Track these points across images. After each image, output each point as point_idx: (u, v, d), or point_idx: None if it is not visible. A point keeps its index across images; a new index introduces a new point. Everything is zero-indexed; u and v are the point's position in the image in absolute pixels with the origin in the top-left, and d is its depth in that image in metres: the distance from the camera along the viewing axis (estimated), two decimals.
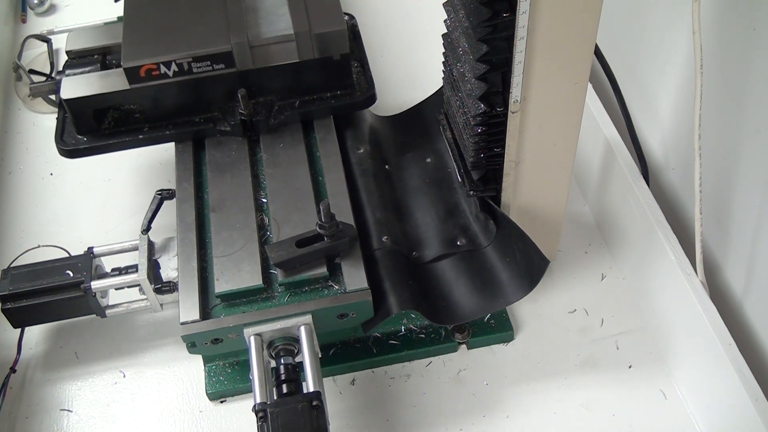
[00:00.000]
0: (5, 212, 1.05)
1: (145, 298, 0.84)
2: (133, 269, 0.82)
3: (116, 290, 0.84)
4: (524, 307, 0.90)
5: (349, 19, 1.01)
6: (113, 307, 0.85)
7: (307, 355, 0.74)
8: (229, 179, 0.86)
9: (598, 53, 0.84)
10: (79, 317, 0.86)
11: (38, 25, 1.32)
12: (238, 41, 0.85)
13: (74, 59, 0.94)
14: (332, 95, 0.92)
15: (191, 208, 0.84)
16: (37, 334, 0.91)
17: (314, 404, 0.69)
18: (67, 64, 0.94)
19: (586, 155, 0.98)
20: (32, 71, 0.99)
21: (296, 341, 0.76)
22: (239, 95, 0.87)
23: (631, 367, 0.85)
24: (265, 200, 0.85)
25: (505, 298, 0.81)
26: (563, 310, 0.90)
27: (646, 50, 0.98)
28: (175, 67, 0.86)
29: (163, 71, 0.86)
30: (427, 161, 0.94)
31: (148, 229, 0.86)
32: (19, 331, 0.88)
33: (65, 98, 0.87)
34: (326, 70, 0.90)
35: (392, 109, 1.03)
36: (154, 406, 0.85)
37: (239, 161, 0.88)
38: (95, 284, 0.81)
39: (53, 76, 0.99)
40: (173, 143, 0.91)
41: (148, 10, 0.91)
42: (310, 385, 0.73)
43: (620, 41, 1.03)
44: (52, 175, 1.08)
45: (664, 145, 0.98)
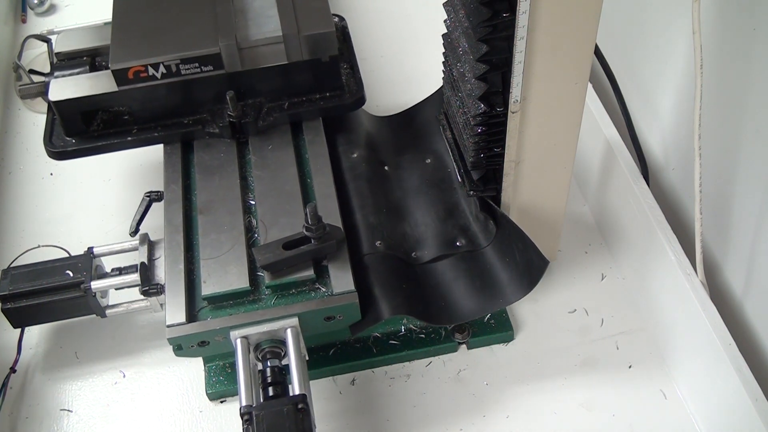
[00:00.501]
0: (5, 212, 1.05)
1: (144, 298, 0.83)
2: (133, 269, 0.82)
3: (116, 290, 0.84)
4: (524, 307, 0.90)
5: (339, 20, 1.00)
6: (113, 307, 0.85)
7: (293, 357, 0.74)
8: (217, 181, 0.86)
9: (598, 53, 0.84)
10: (79, 317, 0.86)
11: (38, 25, 1.32)
12: (226, 43, 0.85)
13: (63, 61, 0.94)
14: (321, 97, 0.92)
15: (179, 210, 0.84)
16: (37, 334, 0.91)
17: (300, 407, 0.69)
18: (56, 65, 0.93)
19: (586, 155, 0.98)
20: (32, 71, 0.99)
21: (283, 344, 0.76)
22: (228, 97, 0.87)
23: (631, 367, 0.85)
24: (253, 202, 0.84)
25: (504, 298, 0.81)
26: (563, 310, 0.90)
27: (646, 50, 0.98)
28: (163, 68, 0.85)
29: (151, 73, 0.85)
30: (426, 161, 0.94)
31: (136, 231, 0.86)
32: (19, 331, 0.88)
33: (53, 100, 0.87)
34: (315, 71, 0.90)
35: (392, 109, 1.03)
36: (154, 406, 0.85)
37: (228, 163, 0.88)
38: (95, 284, 0.81)
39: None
40: (162, 145, 0.91)
41: (136, 11, 0.91)
42: (296, 387, 0.72)
43: (620, 41, 1.03)
44: (52, 175, 1.08)
45: (664, 145, 0.98)
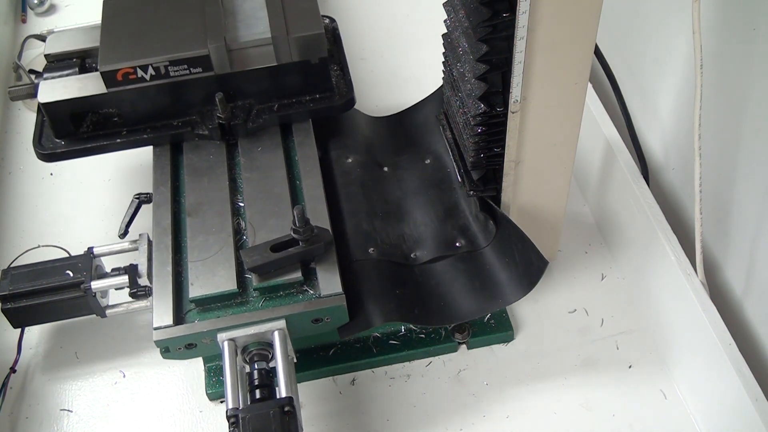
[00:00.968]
0: (5, 212, 1.05)
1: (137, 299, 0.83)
2: (133, 269, 0.82)
3: (116, 290, 0.84)
4: (524, 307, 0.90)
5: (329, 22, 1.00)
6: (113, 307, 0.85)
7: (280, 360, 0.73)
8: (206, 183, 0.86)
9: (598, 53, 0.84)
10: (79, 317, 0.86)
11: (38, 25, 1.32)
12: (215, 45, 0.85)
13: (53, 62, 0.93)
14: (311, 99, 0.91)
15: (167, 212, 0.83)
16: (37, 334, 0.91)
17: (286, 410, 0.69)
18: (45, 67, 0.93)
19: (586, 155, 0.98)
20: (32, 71, 0.99)
21: (270, 346, 0.75)
22: (217, 99, 0.87)
23: (631, 367, 0.85)
24: (242, 204, 0.84)
25: (503, 298, 0.81)
26: (563, 310, 0.90)
27: (646, 50, 0.98)
28: (152, 70, 0.85)
29: (140, 75, 0.85)
30: (426, 162, 0.94)
31: (125, 233, 0.86)
32: (19, 331, 0.88)
33: (42, 102, 0.87)
34: (304, 73, 0.89)
35: (392, 109, 1.03)
36: (154, 406, 0.85)
37: (217, 165, 0.88)
38: (95, 284, 0.81)
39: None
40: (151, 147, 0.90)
41: (126, 13, 0.91)
42: (282, 390, 0.72)
43: (620, 41, 1.03)
44: (52, 175, 1.08)
45: (664, 145, 0.98)
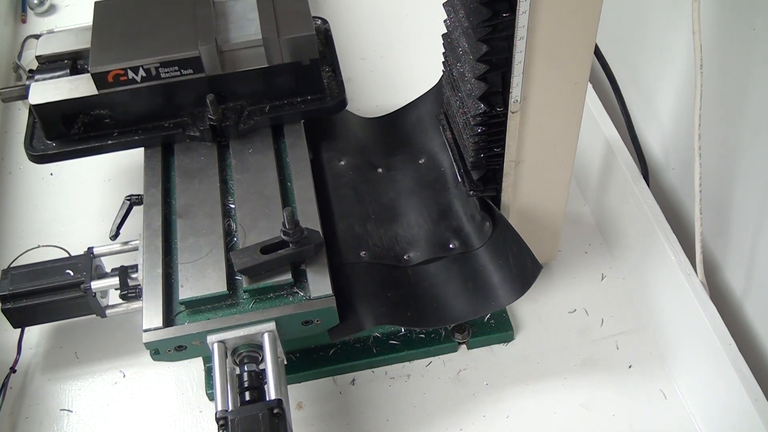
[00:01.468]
0: (5, 212, 1.05)
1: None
2: (133, 269, 0.82)
3: (116, 290, 0.84)
4: (524, 307, 0.90)
5: (321, 23, 1.00)
6: (113, 307, 0.85)
7: (269, 362, 0.73)
8: (197, 185, 0.86)
9: (598, 53, 0.84)
10: (79, 317, 0.86)
11: (38, 25, 1.32)
12: (206, 46, 0.85)
13: (44, 64, 0.93)
14: (302, 100, 0.91)
15: (158, 213, 0.83)
16: (37, 334, 0.91)
17: (275, 412, 0.69)
18: (37, 68, 0.93)
19: (586, 155, 0.98)
20: (32, 71, 0.99)
21: (260, 348, 0.75)
22: (208, 100, 0.87)
23: (631, 367, 0.85)
24: (233, 206, 0.84)
25: (496, 301, 0.81)
26: (563, 310, 0.90)
27: (646, 50, 0.98)
28: (142, 72, 0.85)
29: (131, 76, 0.85)
30: (420, 161, 0.94)
31: (116, 235, 0.86)
32: (19, 331, 0.88)
33: (33, 104, 0.86)
34: (296, 75, 0.89)
35: (391, 108, 1.03)
36: (154, 406, 0.85)
37: (208, 167, 0.88)
38: (95, 284, 0.81)
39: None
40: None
41: (117, 15, 0.91)
42: (272, 392, 0.72)
43: (620, 41, 1.03)
44: (52, 175, 1.08)
45: (664, 145, 0.98)
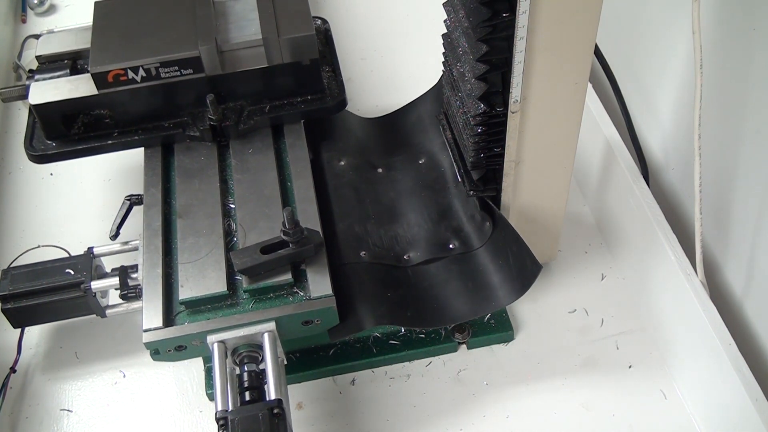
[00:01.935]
0: (5, 212, 1.05)
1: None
2: (133, 269, 0.82)
3: (116, 290, 0.84)
4: (524, 307, 0.90)
5: (321, 23, 1.00)
6: (113, 307, 0.85)
7: (269, 362, 0.73)
8: (197, 185, 0.86)
9: (598, 53, 0.84)
10: (79, 317, 0.86)
11: (38, 25, 1.32)
12: (206, 46, 0.85)
13: (44, 64, 0.93)
14: (302, 100, 0.91)
15: (158, 213, 0.83)
16: (37, 334, 0.91)
17: (275, 412, 0.69)
18: (37, 68, 0.93)
19: (586, 155, 0.98)
20: (32, 71, 0.99)
21: (260, 348, 0.75)
22: (208, 100, 0.87)
23: (631, 367, 0.85)
24: (233, 206, 0.84)
25: (496, 301, 0.81)
26: (563, 310, 0.90)
27: (646, 50, 0.98)
28: (142, 72, 0.85)
29: (130, 76, 0.85)
30: (420, 162, 0.94)
31: (116, 235, 0.86)
32: (19, 331, 0.88)
33: (33, 104, 0.86)
34: (296, 74, 0.89)
35: (391, 108, 1.03)
36: (154, 406, 0.85)
37: (208, 167, 0.88)
38: (95, 284, 0.81)
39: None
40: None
41: (117, 15, 0.91)
42: (272, 392, 0.72)
43: (620, 41, 1.03)
44: (52, 175, 1.08)
45: (664, 145, 0.98)
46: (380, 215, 0.89)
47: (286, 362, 0.78)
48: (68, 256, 0.86)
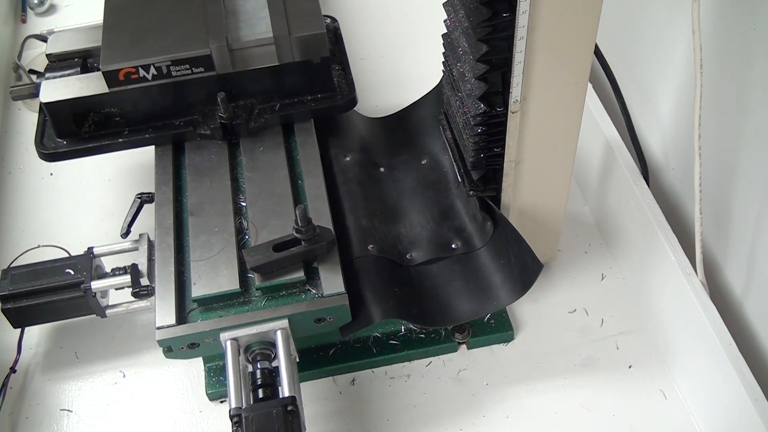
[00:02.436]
0: (5, 212, 1.05)
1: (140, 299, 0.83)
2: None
3: (116, 290, 0.84)
4: (524, 307, 0.90)
5: (331, 22, 1.00)
6: (113, 307, 0.85)
7: (283, 359, 0.73)
8: (208, 183, 0.86)
9: (598, 53, 0.84)
10: (79, 317, 0.86)
11: (38, 25, 1.32)
12: (217, 44, 0.85)
13: (55, 62, 0.94)
14: (313, 98, 0.91)
15: (170, 211, 0.83)
16: (37, 334, 0.91)
17: (289, 409, 0.69)
18: (47, 67, 0.93)
19: (586, 155, 0.98)
20: (32, 71, 0.99)
21: (273, 346, 0.76)
22: (219, 98, 0.87)
23: (631, 367, 0.85)
24: (244, 204, 0.84)
25: (498, 300, 0.81)
26: (563, 310, 0.90)
27: (646, 50, 0.98)
28: (153, 70, 0.85)
29: (142, 74, 0.85)
30: (422, 162, 0.94)
31: (127, 232, 0.86)
32: (19, 331, 0.88)
33: (44, 102, 0.87)
34: (306, 73, 0.89)
35: (392, 108, 1.03)
36: (154, 406, 0.85)
37: (219, 165, 0.88)
38: (95, 284, 0.81)
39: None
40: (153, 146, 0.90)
41: (127, 13, 0.91)
42: (285, 389, 0.72)
43: (620, 41, 1.03)
44: (52, 175, 1.08)
45: (664, 145, 0.98)
46: (383, 214, 0.89)
47: (298, 359, 0.78)
48: (68, 256, 0.86)
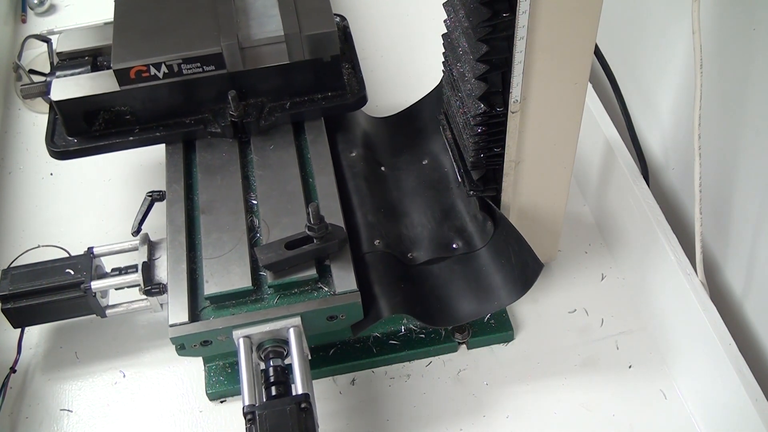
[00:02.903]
0: (5, 212, 1.05)
1: (145, 298, 0.84)
2: (133, 269, 0.82)
3: (116, 290, 0.84)
4: (524, 307, 0.90)
5: (340, 20, 1.00)
6: (113, 307, 0.85)
7: (296, 357, 0.74)
8: (219, 181, 0.86)
9: (598, 53, 0.84)
10: (79, 317, 0.86)
11: (38, 25, 1.32)
12: (228, 43, 0.85)
13: (65, 60, 0.94)
14: (323, 97, 0.92)
15: (181, 209, 0.84)
16: (37, 334, 0.91)
17: (302, 406, 0.69)
18: (58, 65, 0.93)
19: (586, 155, 0.98)
20: (32, 71, 0.99)
21: (285, 343, 0.76)
22: (229, 97, 0.87)
23: (631, 367, 0.85)
24: (255, 202, 0.84)
25: (499, 300, 0.81)
26: (563, 310, 0.90)
27: (646, 50, 0.98)
28: (165, 68, 0.85)
29: (153, 73, 0.86)
30: (423, 163, 0.94)
31: (138, 230, 0.86)
32: (19, 331, 0.88)
33: (55, 100, 0.87)
34: (317, 71, 0.89)
35: (392, 108, 1.03)
36: (154, 406, 0.85)
37: (229, 163, 0.88)
38: (95, 284, 0.81)
39: None
40: (163, 145, 0.91)
41: (138, 11, 0.91)
42: (298, 387, 0.72)
43: (620, 41, 1.03)
44: (52, 175, 1.08)
45: (664, 145, 0.98)
46: (385, 213, 0.89)
47: (310, 357, 0.78)
48: (68, 256, 0.86)
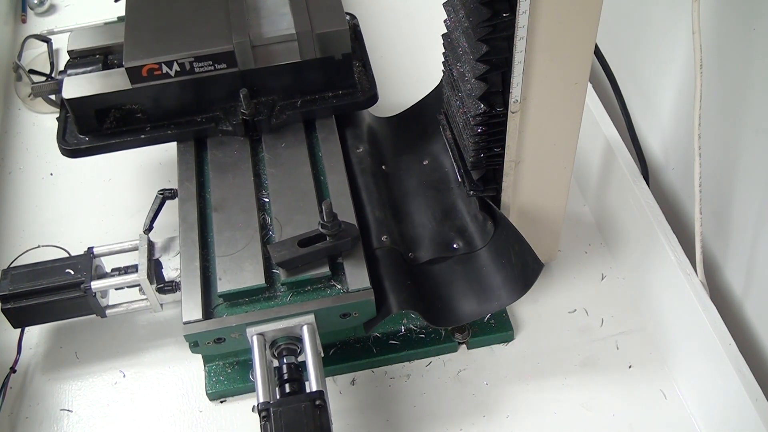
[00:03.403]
0: (5, 212, 1.05)
1: (145, 298, 0.84)
2: (133, 269, 0.82)
3: (116, 290, 0.84)
4: (524, 307, 0.90)
5: (350, 18, 1.01)
6: (113, 307, 0.85)
7: (309, 354, 0.74)
8: (231, 179, 0.86)
9: (598, 53, 0.84)
10: (79, 317, 0.86)
11: (38, 25, 1.32)
12: (239, 41, 0.85)
13: (76, 59, 0.94)
14: (334, 95, 0.92)
15: (193, 207, 0.84)
16: (37, 334, 0.91)
17: (317, 404, 0.70)
18: (68, 63, 0.94)
19: (586, 155, 0.98)
20: (32, 71, 0.99)
21: (299, 341, 0.76)
22: (241, 95, 0.87)
23: (631, 367, 0.85)
24: (267, 200, 0.84)
25: (499, 300, 0.81)
26: (563, 310, 0.90)
27: (646, 50, 0.98)
28: (176, 66, 0.86)
29: (164, 71, 0.86)
30: (424, 163, 0.94)
31: (150, 228, 0.86)
32: (19, 331, 0.88)
33: (67, 98, 0.87)
34: (328, 69, 0.90)
35: (392, 109, 1.03)
36: (154, 406, 0.85)
37: (241, 161, 0.88)
38: (95, 284, 0.81)
39: (53, 76, 0.99)
40: (174, 143, 0.91)
41: (149, 9, 0.91)
42: (312, 384, 0.73)
43: (620, 41, 1.03)
44: (52, 175, 1.08)
45: (664, 145, 0.98)
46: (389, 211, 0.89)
47: (323, 354, 0.78)
48: (68, 256, 0.86)
